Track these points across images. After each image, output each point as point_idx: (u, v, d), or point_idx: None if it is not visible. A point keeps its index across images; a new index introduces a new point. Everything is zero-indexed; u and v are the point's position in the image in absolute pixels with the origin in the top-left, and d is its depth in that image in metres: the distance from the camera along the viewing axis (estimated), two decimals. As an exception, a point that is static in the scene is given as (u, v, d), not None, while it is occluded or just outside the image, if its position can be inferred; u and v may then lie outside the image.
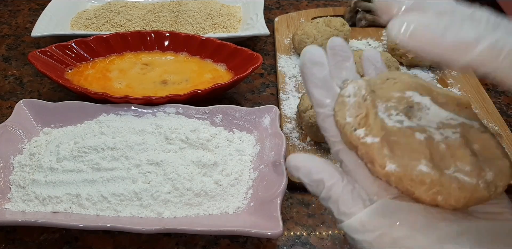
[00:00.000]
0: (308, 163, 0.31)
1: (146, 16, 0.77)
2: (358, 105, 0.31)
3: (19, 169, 0.50)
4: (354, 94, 0.32)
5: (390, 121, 0.30)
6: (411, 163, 0.28)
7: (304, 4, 0.90)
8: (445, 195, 0.28)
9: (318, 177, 0.30)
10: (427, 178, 0.28)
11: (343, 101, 0.32)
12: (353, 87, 0.32)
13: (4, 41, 0.77)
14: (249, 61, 0.61)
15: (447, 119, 0.32)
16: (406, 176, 0.28)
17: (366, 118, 0.30)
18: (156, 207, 0.45)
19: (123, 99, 0.56)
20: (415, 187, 0.28)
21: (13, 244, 0.46)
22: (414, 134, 0.29)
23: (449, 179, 0.28)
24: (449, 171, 0.29)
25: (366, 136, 0.29)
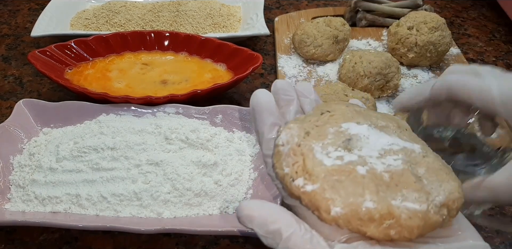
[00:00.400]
0: (263, 212, 0.29)
1: (146, 16, 0.77)
2: (293, 152, 0.30)
3: (18, 169, 0.50)
4: (287, 142, 0.31)
5: (329, 160, 0.29)
6: (356, 201, 0.27)
7: (304, 4, 0.90)
8: (397, 228, 0.27)
9: (275, 227, 0.28)
10: (376, 214, 0.27)
11: (278, 151, 0.31)
12: (285, 134, 0.31)
13: (3, 41, 0.77)
14: (249, 61, 0.61)
15: (389, 145, 0.31)
16: (354, 216, 0.27)
17: (303, 165, 0.29)
18: (156, 207, 0.45)
19: (123, 99, 0.56)
20: (365, 226, 0.27)
21: (12, 244, 0.46)
22: (356, 169, 0.29)
23: (397, 210, 0.27)
24: (396, 201, 0.28)
25: (305, 185, 0.28)
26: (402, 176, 0.29)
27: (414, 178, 0.29)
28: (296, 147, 0.30)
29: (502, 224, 0.35)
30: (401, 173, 0.29)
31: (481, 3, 0.91)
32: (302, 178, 0.29)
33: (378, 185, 0.28)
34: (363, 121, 0.32)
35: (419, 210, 0.27)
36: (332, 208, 0.27)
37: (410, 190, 0.28)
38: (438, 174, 0.30)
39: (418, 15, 0.68)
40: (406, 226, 0.27)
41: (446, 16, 0.87)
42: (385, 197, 0.28)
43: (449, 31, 0.68)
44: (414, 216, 0.27)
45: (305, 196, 0.28)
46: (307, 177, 0.29)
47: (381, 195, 0.28)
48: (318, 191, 0.28)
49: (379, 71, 0.61)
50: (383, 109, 0.62)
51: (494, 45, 0.79)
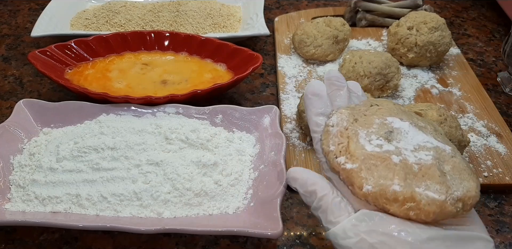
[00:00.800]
0: (304, 175, 0.36)
1: (146, 16, 0.77)
2: (340, 134, 0.35)
3: (18, 169, 0.50)
4: (337, 124, 0.36)
5: (370, 146, 0.34)
6: (386, 183, 0.32)
7: (304, 4, 0.90)
8: (416, 210, 0.32)
9: (312, 188, 0.35)
10: (400, 196, 0.32)
11: (327, 130, 0.36)
12: (336, 117, 0.36)
13: (4, 41, 0.77)
14: (249, 61, 0.61)
15: (424, 142, 0.35)
16: (382, 195, 0.32)
17: (347, 146, 0.34)
18: (156, 207, 0.45)
19: (123, 99, 0.56)
20: (389, 204, 0.32)
21: (13, 244, 0.46)
22: (391, 157, 0.33)
23: (419, 196, 0.32)
24: (420, 189, 0.32)
25: (346, 163, 0.34)
26: (430, 169, 0.33)
27: (439, 173, 0.33)
28: (344, 129, 0.35)
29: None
30: (429, 167, 0.33)
31: (481, 3, 0.91)
32: (344, 157, 0.34)
33: (407, 173, 0.33)
34: (406, 119, 0.37)
35: (438, 199, 0.32)
36: (365, 185, 0.32)
37: (433, 182, 0.33)
38: (461, 173, 0.35)
39: (418, 15, 0.68)
40: (424, 210, 0.32)
41: (446, 16, 0.87)
42: (411, 184, 0.32)
43: (449, 31, 0.68)
44: (432, 203, 0.32)
45: (344, 172, 0.33)
46: (348, 157, 0.34)
47: (408, 182, 0.32)
48: (356, 170, 0.33)
49: (379, 71, 0.61)
50: (383, 109, 0.62)
51: (494, 45, 0.79)
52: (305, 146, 0.56)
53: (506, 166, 0.54)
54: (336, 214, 0.33)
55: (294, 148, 0.55)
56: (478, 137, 0.58)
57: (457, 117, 0.60)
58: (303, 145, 0.56)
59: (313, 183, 0.35)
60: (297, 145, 0.56)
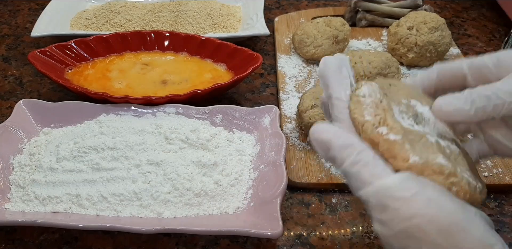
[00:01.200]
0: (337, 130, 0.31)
1: (146, 16, 0.77)
2: (376, 105, 0.33)
3: (18, 169, 0.50)
4: (369, 95, 0.33)
5: (404, 123, 0.33)
6: (430, 156, 0.31)
7: (304, 4, 0.90)
8: (457, 186, 0.31)
9: (349, 141, 0.30)
10: (446, 169, 0.31)
11: (358, 100, 0.33)
12: (367, 88, 0.34)
13: (4, 41, 0.77)
14: (249, 61, 0.61)
15: (444, 132, 0.35)
16: (428, 167, 0.31)
17: (385, 118, 0.32)
18: (156, 207, 0.45)
19: (123, 99, 0.56)
20: (436, 176, 0.31)
21: (13, 244, 0.46)
22: (427, 137, 0.32)
23: (460, 173, 0.31)
24: (460, 169, 0.32)
25: (388, 133, 0.31)
26: (458, 157, 0.33)
27: (466, 162, 0.33)
28: (379, 101, 0.33)
29: None
30: (457, 154, 0.33)
31: (481, 3, 0.91)
32: (386, 127, 0.32)
33: (445, 152, 0.32)
34: (425, 103, 0.36)
35: (472, 183, 0.32)
36: (411, 156, 0.31)
37: (464, 168, 0.32)
38: (475, 172, 0.35)
39: (418, 15, 0.68)
40: (463, 189, 0.31)
41: (446, 16, 0.87)
42: (453, 161, 0.32)
43: (449, 31, 0.68)
44: (470, 184, 0.32)
45: (386, 143, 0.31)
46: (389, 128, 0.32)
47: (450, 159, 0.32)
48: (400, 141, 0.31)
49: (379, 71, 0.61)
50: (383, 109, 0.62)
51: (494, 45, 0.79)
52: (305, 146, 0.56)
53: (506, 166, 0.54)
54: (382, 167, 0.30)
55: (294, 148, 0.55)
56: (478, 137, 0.58)
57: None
58: (303, 145, 0.56)
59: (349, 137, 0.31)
60: (297, 145, 0.56)
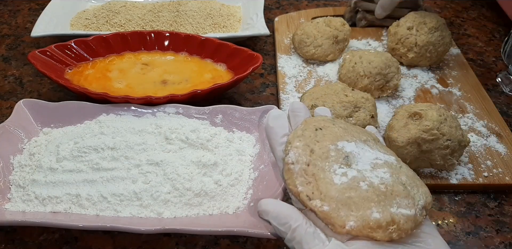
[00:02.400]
0: (276, 208, 0.36)
1: (146, 16, 0.77)
2: (305, 172, 0.35)
3: (19, 169, 0.50)
4: (296, 161, 0.36)
5: (337, 178, 0.35)
6: (365, 213, 0.33)
7: (304, 4, 0.90)
8: (398, 231, 0.34)
9: (285, 220, 0.35)
10: (382, 222, 0.33)
11: (289, 169, 0.36)
12: (293, 153, 0.36)
13: (4, 41, 0.77)
14: (249, 61, 0.61)
15: (375, 160, 0.37)
16: (365, 226, 0.33)
17: (316, 185, 0.35)
18: (156, 207, 0.45)
19: (123, 99, 0.56)
20: (375, 232, 0.33)
21: (13, 244, 0.46)
22: (359, 185, 0.34)
23: (396, 217, 0.34)
24: (394, 208, 0.34)
25: (322, 205, 0.34)
26: (393, 186, 0.35)
27: (402, 187, 0.35)
28: (306, 166, 0.35)
29: None
30: (392, 184, 0.35)
31: (481, 3, 0.91)
32: (319, 199, 0.34)
33: (378, 195, 0.34)
34: (350, 138, 0.38)
35: (411, 215, 0.34)
36: (347, 223, 0.33)
37: (401, 197, 0.35)
38: (414, 180, 0.37)
39: (418, 15, 0.68)
40: (404, 229, 0.34)
41: (446, 16, 0.87)
42: (386, 206, 0.34)
43: (449, 31, 0.68)
44: (408, 221, 0.34)
45: (322, 214, 0.34)
46: (322, 198, 0.34)
47: (382, 204, 0.34)
48: (334, 211, 0.34)
49: (379, 71, 0.61)
50: (383, 109, 0.62)
51: (494, 45, 0.79)
52: (305, 146, 0.56)
53: (506, 166, 0.54)
54: (311, 244, 0.34)
55: (294, 148, 0.55)
56: (478, 137, 0.58)
57: (457, 118, 0.60)
58: (303, 145, 0.56)
59: (286, 215, 0.35)
60: (297, 145, 0.56)
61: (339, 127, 0.39)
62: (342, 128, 0.39)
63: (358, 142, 0.38)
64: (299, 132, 0.38)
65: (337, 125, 0.39)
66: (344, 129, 0.39)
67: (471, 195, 0.53)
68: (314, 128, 0.38)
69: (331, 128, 0.39)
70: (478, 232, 0.49)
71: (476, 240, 0.48)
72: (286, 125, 0.40)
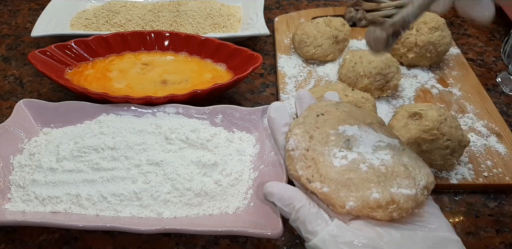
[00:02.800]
0: (281, 190, 0.36)
1: (146, 16, 0.77)
2: (304, 157, 0.36)
3: (19, 169, 0.50)
4: (296, 147, 0.36)
5: (336, 161, 0.36)
6: (365, 193, 0.34)
7: (304, 4, 0.90)
8: (398, 210, 0.34)
9: (289, 201, 0.36)
10: (382, 202, 0.34)
11: (289, 155, 0.37)
12: (293, 140, 0.37)
13: (4, 41, 0.77)
14: (249, 61, 0.61)
15: (377, 142, 0.38)
16: (365, 206, 0.34)
17: (316, 168, 0.35)
18: (156, 207, 0.45)
19: (123, 99, 0.56)
20: (375, 212, 0.34)
21: (13, 244, 0.46)
22: (359, 167, 0.35)
23: (396, 196, 0.34)
24: (394, 188, 0.35)
25: (322, 187, 0.35)
26: (394, 167, 0.36)
27: (403, 167, 0.36)
28: (306, 151, 0.36)
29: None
30: (392, 165, 0.36)
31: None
32: (319, 182, 0.35)
33: (378, 176, 0.35)
34: (353, 122, 0.39)
35: (411, 194, 0.35)
36: (347, 203, 0.34)
37: (402, 177, 0.35)
38: (416, 162, 0.38)
39: (418, 15, 0.68)
40: (404, 208, 0.34)
41: (446, 16, 0.87)
42: (385, 186, 0.35)
43: (449, 31, 0.68)
44: (409, 200, 0.34)
45: (322, 195, 0.35)
46: (322, 180, 0.35)
47: (382, 185, 0.35)
48: (333, 192, 0.34)
49: (379, 71, 0.61)
50: (383, 109, 0.62)
51: (493, 45, 0.79)
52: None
53: (506, 166, 0.54)
54: (314, 224, 0.34)
55: (294, 148, 0.55)
56: (478, 137, 0.58)
57: (457, 117, 0.60)
58: (303, 145, 0.56)
59: (290, 197, 0.36)
60: (297, 145, 0.56)
61: (342, 111, 0.39)
62: (346, 112, 0.39)
63: (362, 125, 0.39)
64: (300, 119, 0.39)
65: (340, 109, 0.40)
66: (348, 113, 0.39)
67: (471, 195, 0.53)
68: (315, 114, 0.39)
69: (334, 113, 0.39)
70: (478, 232, 0.49)
71: (476, 240, 0.48)
72: (287, 115, 0.41)
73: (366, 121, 0.39)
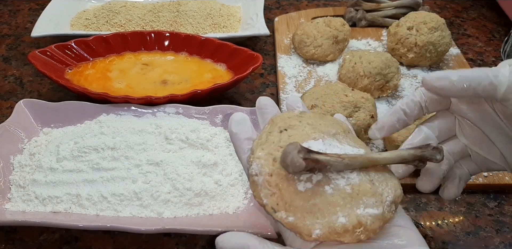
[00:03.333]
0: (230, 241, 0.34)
1: (146, 16, 0.77)
2: (268, 183, 0.34)
3: (19, 169, 0.50)
4: (260, 172, 0.34)
5: (301, 184, 0.33)
6: (331, 219, 0.33)
7: (304, 4, 0.90)
8: (365, 232, 0.33)
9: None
10: (349, 226, 0.33)
11: (253, 181, 0.34)
12: (256, 165, 0.34)
13: (4, 41, 0.77)
14: (249, 61, 0.61)
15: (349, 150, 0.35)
16: (331, 232, 0.33)
17: (281, 195, 0.33)
18: (156, 207, 0.45)
19: (123, 99, 0.56)
20: (342, 237, 0.33)
21: (13, 244, 0.46)
22: (325, 189, 0.33)
23: (363, 218, 0.33)
24: (360, 209, 0.33)
25: (288, 217, 0.33)
26: (360, 186, 0.34)
27: (369, 184, 0.34)
28: (269, 177, 0.34)
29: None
30: (358, 184, 0.34)
31: (481, 3, 0.91)
32: (284, 211, 0.33)
33: (344, 198, 0.33)
34: (318, 135, 0.36)
35: (378, 214, 0.33)
36: (313, 231, 0.33)
37: (368, 196, 0.34)
38: (383, 174, 0.36)
39: (418, 15, 0.68)
40: (372, 230, 0.33)
41: (446, 16, 0.87)
42: (352, 208, 0.33)
43: (448, 31, 0.68)
44: (376, 220, 0.33)
45: (288, 225, 0.33)
46: (287, 208, 0.33)
47: (348, 207, 0.33)
48: (299, 220, 0.33)
49: (379, 71, 0.61)
50: (383, 109, 0.62)
51: (493, 45, 0.79)
52: (305, 146, 0.56)
53: (506, 166, 0.54)
54: None
55: (294, 148, 0.55)
56: (478, 137, 0.58)
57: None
58: (303, 145, 0.56)
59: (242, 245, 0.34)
60: (297, 145, 0.56)
61: (306, 124, 0.37)
62: (310, 125, 0.37)
63: (326, 137, 0.36)
64: (263, 137, 0.36)
65: (304, 122, 0.37)
66: (311, 125, 0.37)
67: (471, 195, 0.53)
68: (279, 130, 0.36)
69: (297, 127, 0.37)
70: (478, 232, 0.49)
71: (476, 240, 0.48)
72: (250, 129, 0.38)
73: (331, 133, 0.37)
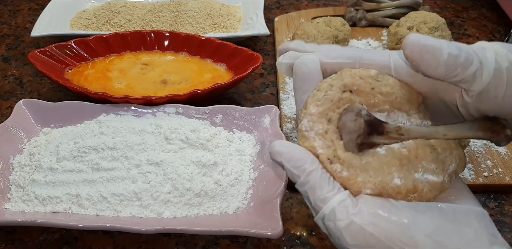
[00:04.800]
0: (291, 150, 0.32)
1: (146, 16, 0.77)
2: (323, 137, 0.32)
3: (18, 169, 0.50)
4: (310, 128, 0.32)
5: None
6: (385, 179, 0.31)
7: (304, 4, 0.90)
8: (418, 198, 0.31)
9: (300, 163, 0.32)
10: (403, 189, 0.31)
11: (303, 135, 0.33)
12: (307, 121, 0.33)
13: (4, 41, 0.77)
14: (249, 61, 0.61)
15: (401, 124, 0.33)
16: (383, 191, 0.31)
17: (336, 149, 0.32)
18: (156, 207, 0.45)
19: (123, 99, 0.56)
20: (394, 197, 0.31)
21: (12, 244, 0.46)
22: (376, 150, 0.32)
23: (420, 184, 0.31)
24: (419, 173, 0.31)
25: (342, 171, 0.31)
26: (418, 149, 0.32)
27: (429, 149, 0.32)
28: (324, 132, 0.32)
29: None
30: (415, 146, 0.32)
31: (481, 3, 0.91)
32: (339, 164, 0.31)
33: (400, 159, 0.31)
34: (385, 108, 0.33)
35: (437, 182, 0.31)
36: (364, 190, 0.31)
37: (428, 160, 0.32)
38: (448, 142, 0.33)
39: (418, 15, 0.68)
40: (426, 197, 0.31)
41: (446, 16, 0.87)
42: (409, 171, 0.31)
43: (449, 31, 0.68)
44: (433, 188, 0.31)
45: (340, 179, 0.31)
46: (342, 163, 0.31)
47: (405, 168, 0.31)
48: (351, 177, 0.31)
49: (379, 71, 0.61)
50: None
51: (494, 45, 0.79)
52: (305, 146, 0.56)
53: (506, 166, 0.54)
54: (325, 189, 0.31)
55: (294, 148, 0.55)
56: (478, 137, 0.58)
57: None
58: (303, 145, 0.56)
59: (301, 158, 0.32)
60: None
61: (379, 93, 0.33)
62: (382, 95, 0.33)
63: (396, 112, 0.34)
64: (320, 94, 0.33)
65: (377, 89, 0.33)
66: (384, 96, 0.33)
67: (471, 195, 0.53)
68: (342, 89, 0.33)
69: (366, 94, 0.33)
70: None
71: (476, 240, 0.48)
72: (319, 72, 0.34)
73: (402, 109, 0.34)
